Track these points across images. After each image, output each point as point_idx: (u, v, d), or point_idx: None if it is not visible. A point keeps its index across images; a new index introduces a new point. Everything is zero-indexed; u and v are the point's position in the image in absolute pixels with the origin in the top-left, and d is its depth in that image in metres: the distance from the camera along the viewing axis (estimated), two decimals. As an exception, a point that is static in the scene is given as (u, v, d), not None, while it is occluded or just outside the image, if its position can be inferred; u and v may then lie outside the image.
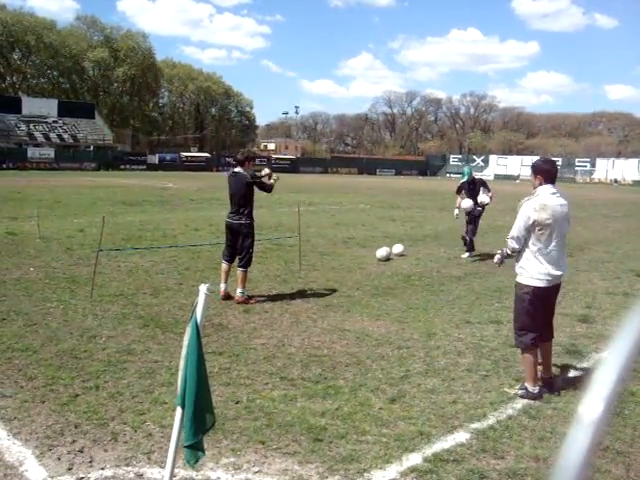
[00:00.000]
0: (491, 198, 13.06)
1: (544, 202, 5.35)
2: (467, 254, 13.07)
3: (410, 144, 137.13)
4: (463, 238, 13.32)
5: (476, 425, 4.74)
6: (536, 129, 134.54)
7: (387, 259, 12.24)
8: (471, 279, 10.68)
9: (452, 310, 8.45)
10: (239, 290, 8.50)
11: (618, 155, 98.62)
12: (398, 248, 13.01)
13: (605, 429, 0.55)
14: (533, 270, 5.39)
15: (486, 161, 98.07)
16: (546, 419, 4.88)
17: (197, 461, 3.07)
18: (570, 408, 5.06)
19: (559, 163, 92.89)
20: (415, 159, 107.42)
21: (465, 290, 9.81)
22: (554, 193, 5.43)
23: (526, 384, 5.43)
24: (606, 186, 75.77)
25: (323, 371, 5.86)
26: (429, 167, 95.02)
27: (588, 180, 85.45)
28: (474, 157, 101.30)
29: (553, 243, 5.37)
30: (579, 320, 8.08)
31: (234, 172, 8.82)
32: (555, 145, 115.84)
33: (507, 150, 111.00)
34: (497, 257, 5.98)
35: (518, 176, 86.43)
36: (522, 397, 5.34)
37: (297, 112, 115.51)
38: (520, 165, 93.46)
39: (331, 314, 8.02)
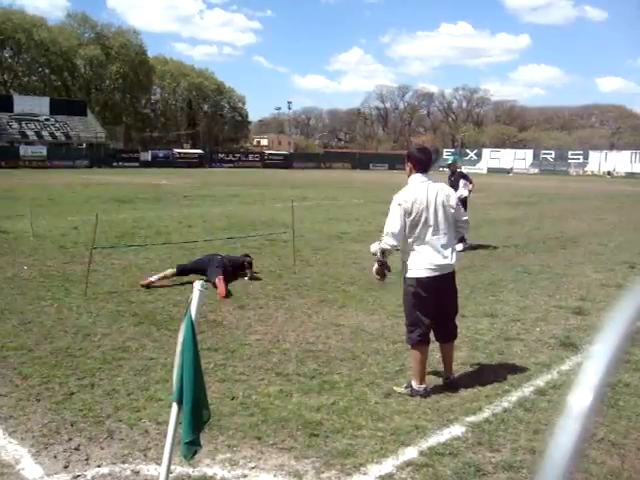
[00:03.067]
0: (470, 191, 13.24)
1: (412, 192, 5.28)
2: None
3: (403, 138, 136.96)
4: None
5: (472, 418, 4.75)
6: (528, 122, 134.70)
7: (381, 254, 12.22)
8: (465, 273, 10.68)
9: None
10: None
11: (611, 147, 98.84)
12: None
13: (594, 419, 0.55)
14: (413, 263, 5.25)
15: (479, 154, 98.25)
16: (541, 412, 4.90)
17: (194, 455, 3.07)
18: (565, 401, 5.08)
19: (552, 156, 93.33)
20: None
21: (459, 283, 9.79)
22: (423, 182, 5.33)
23: (412, 382, 5.26)
24: (599, 178, 75.94)
25: (318, 366, 5.86)
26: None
27: (581, 172, 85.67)
28: (467, 151, 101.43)
29: (430, 232, 5.19)
30: (573, 312, 8.10)
31: None
32: (548, 138, 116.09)
33: (500, 143, 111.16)
34: (375, 268, 5.59)
35: (511, 169, 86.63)
36: (409, 395, 5.18)
37: (290, 107, 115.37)
38: (513, 158, 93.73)
39: (326, 309, 8.03)
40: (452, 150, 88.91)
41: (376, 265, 5.53)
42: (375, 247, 5.73)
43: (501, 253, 13.07)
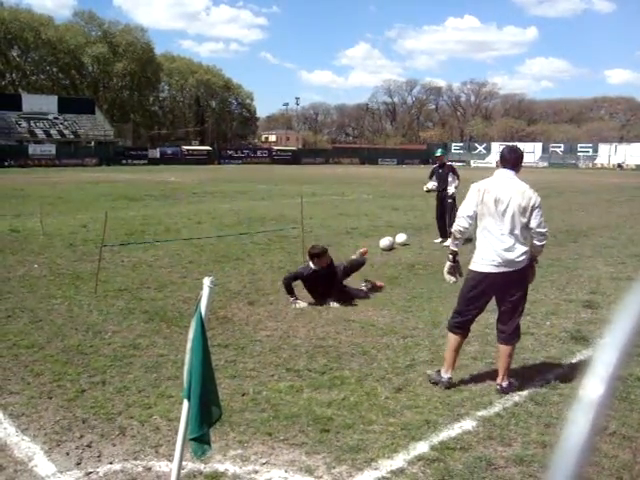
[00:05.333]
0: (456, 187, 13.37)
1: (488, 182, 5.30)
2: (439, 239, 13.48)
3: (411, 133, 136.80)
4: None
5: (482, 413, 4.75)
6: (537, 115, 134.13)
7: (390, 249, 12.22)
8: (475, 267, 10.66)
9: (456, 298, 8.42)
10: None
11: (621, 140, 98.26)
12: (401, 237, 13.00)
13: (606, 411, 0.54)
14: (478, 254, 5.25)
15: (488, 148, 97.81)
16: (552, 405, 4.88)
17: (204, 454, 3.08)
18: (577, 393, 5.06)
19: (561, 149, 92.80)
20: (417, 148, 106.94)
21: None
22: (508, 178, 5.29)
23: (441, 368, 5.35)
24: (609, 171, 75.51)
25: (329, 362, 5.86)
26: (431, 156, 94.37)
27: (591, 165, 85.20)
28: (476, 144, 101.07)
29: (497, 227, 5.13)
30: (584, 306, 8.07)
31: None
32: (557, 131, 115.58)
33: (509, 137, 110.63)
34: (447, 267, 5.59)
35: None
36: (433, 382, 5.26)
37: (297, 103, 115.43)
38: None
39: (335, 304, 8.01)
40: (462, 148, 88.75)
41: (448, 264, 5.52)
42: (385, 242, 5.75)
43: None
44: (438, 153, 14.11)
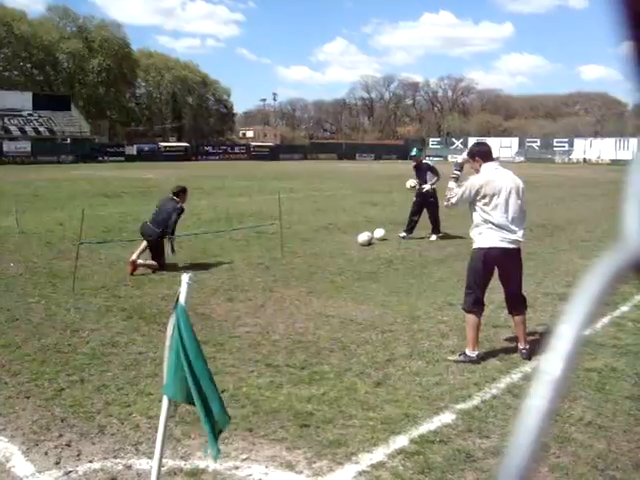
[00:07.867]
0: (433, 184, 13.40)
1: (488, 177, 5.79)
2: (404, 234, 13.43)
3: (389, 128, 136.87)
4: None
5: (461, 406, 4.79)
6: (514, 111, 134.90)
7: (369, 244, 12.27)
8: (452, 261, 10.73)
9: (435, 293, 8.51)
10: None
11: (595, 135, 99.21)
12: (380, 232, 13.05)
13: (564, 390, 0.56)
14: (481, 239, 5.79)
15: (465, 144, 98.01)
16: (530, 397, 4.93)
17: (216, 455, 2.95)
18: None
19: (537, 144, 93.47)
20: (394, 143, 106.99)
21: (447, 272, 9.87)
22: (497, 169, 5.90)
23: (466, 349, 5.78)
24: (584, 166, 76.28)
25: (308, 357, 5.88)
26: (408, 151, 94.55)
27: (567, 160, 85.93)
28: (453, 140, 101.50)
29: (500, 212, 5.69)
30: (560, 299, 8.16)
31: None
32: (533, 126, 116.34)
33: (486, 132, 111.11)
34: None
35: (497, 158, 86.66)
36: (460, 362, 5.68)
37: (275, 99, 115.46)
38: (499, 147, 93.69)
39: (314, 300, 8.04)
40: (440, 143, 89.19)
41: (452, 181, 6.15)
42: (363, 238, 5.87)
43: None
44: (413, 153, 14.19)
